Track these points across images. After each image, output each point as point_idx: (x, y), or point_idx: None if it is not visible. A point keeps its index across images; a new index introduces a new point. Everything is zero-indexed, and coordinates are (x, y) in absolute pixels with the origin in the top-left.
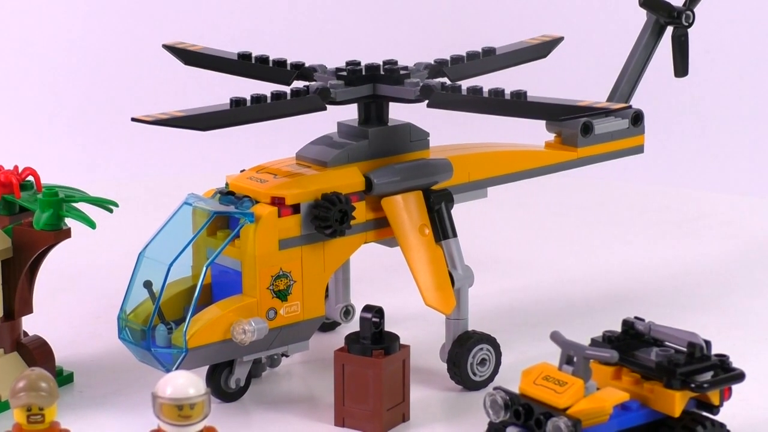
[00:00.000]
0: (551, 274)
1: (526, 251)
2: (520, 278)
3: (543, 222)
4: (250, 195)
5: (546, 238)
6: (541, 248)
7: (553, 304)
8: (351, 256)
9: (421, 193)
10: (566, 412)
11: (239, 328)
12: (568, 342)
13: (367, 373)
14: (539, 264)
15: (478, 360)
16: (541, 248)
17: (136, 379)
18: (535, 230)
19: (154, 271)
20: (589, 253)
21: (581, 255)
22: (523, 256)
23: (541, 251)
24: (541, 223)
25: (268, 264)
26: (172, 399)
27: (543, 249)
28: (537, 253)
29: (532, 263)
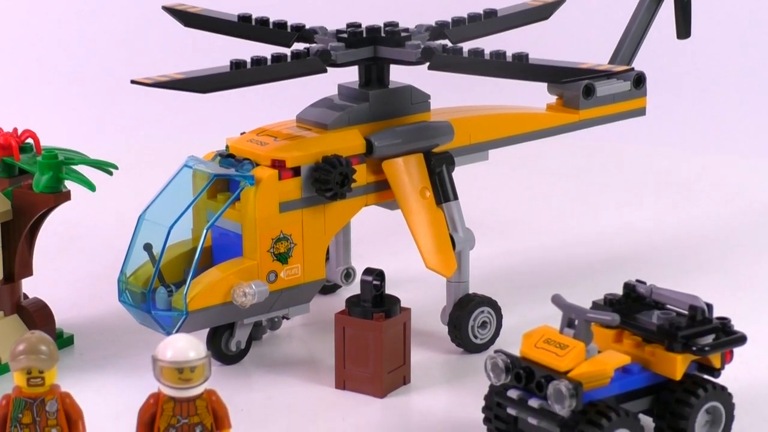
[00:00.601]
0: (553, 236)
1: (528, 214)
2: (522, 241)
3: (544, 185)
4: (250, 158)
5: (547, 200)
6: (542, 211)
7: (554, 266)
8: (352, 218)
9: (422, 155)
10: (567, 375)
11: (240, 291)
12: (569, 305)
13: (367, 335)
14: (541, 227)
15: (479, 323)
16: (542, 211)
17: (136, 342)
18: (536, 193)
19: (154, 233)
20: (590, 216)
21: (583, 217)
22: (525, 219)
23: (543, 214)
24: (542, 185)
25: (268, 227)
26: (172, 362)
27: (544, 212)
28: (538, 215)
29: (533, 226)
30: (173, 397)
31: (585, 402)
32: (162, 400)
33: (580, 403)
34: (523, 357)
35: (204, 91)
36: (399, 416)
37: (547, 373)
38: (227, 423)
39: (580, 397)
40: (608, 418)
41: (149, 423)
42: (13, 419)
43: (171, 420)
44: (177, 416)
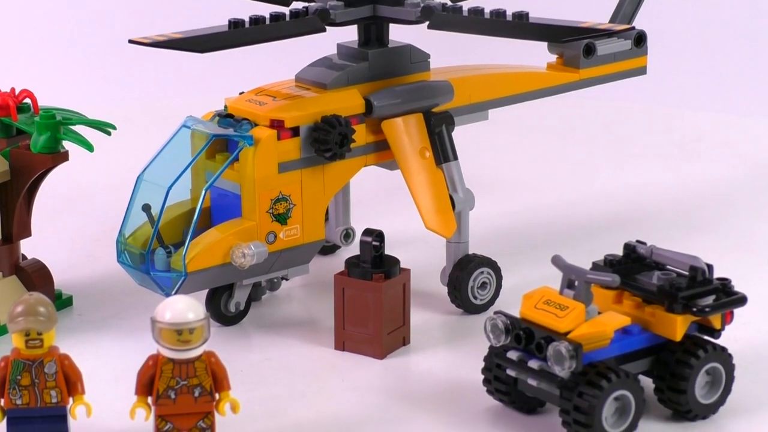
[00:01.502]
0: (553, 196)
1: (528, 174)
2: (522, 201)
3: (544, 144)
4: (249, 118)
5: (547, 160)
6: (542, 171)
7: (554, 227)
8: (351, 179)
9: (421, 115)
10: (567, 337)
11: (239, 252)
12: (569, 266)
13: (367, 296)
14: (541, 187)
15: (478, 283)
16: (542, 171)
17: (135, 303)
18: (536, 153)
19: (152, 194)
20: (590, 176)
21: (583, 177)
22: (525, 179)
23: (543, 174)
24: (542, 145)
25: (267, 187)
26: (171, 324)
27: (544, 172)
28: (538, 175)
29: (533, 186)
30: (172, 358)
31: (585, 363)
32: (161, 362)
33: (580, 364)
34: (522, 318)
35: (202, 51)
36: (398, 377)
37: (547, 334)
38: (226, 384)
39: (580, 359)
40: (608, 379)
41: (148, 384)
42: (11, 381)
43: (170, 382)
44: (176, 378)
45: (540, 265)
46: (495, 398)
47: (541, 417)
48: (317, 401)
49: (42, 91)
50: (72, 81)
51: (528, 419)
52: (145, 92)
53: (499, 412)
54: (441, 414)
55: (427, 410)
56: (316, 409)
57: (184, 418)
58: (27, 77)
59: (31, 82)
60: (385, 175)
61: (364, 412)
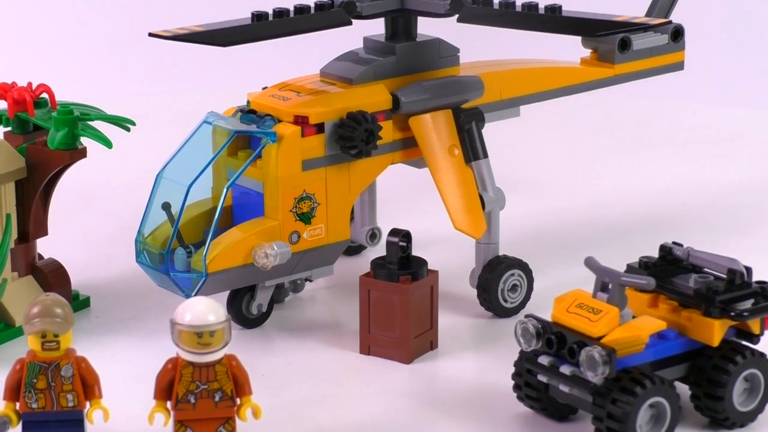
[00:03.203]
0: (586, 196)
1: (560, 172)
2: (554, 201)
3: (578, 142)
4: (272, 113)
5: (581, 158)
6: (575, 169)
7: (587, 228)
8: (377, 177)
9: (450, 111)
10: (600, 341)
11: (261, 252)
12: (603, 268)
13: (393, 299)
14: (574, 186)
15: (509, 286)
16: (575, 169)
17: (154, 305)
18: (569, 150)
19: (172, 192)
20: (625, 175)
21: (617, 176)
22: (557, 178)
23: (576, 172)
24: (575, 142)
25: (291, 185)
26: (191, 326)
27: (577, 170)
28: (571, 174)
29: (566, 185)
30: (192, 362)
31: (618, 369)
32: (180, 366)
33: (614, 370)
34: (554, 322)
35: (224, 45)
36: (425, 383)
37: (580, 338)
38: (248, 389)
39: (614, 364)
40: (642, 386)
41: (167, 389)
42: (27, 384)
43: (190, 386)
44: (196, 382)
45: (572, 267)
46: (525, 405)
47: (573, 424)
48: (341, 407)
49: (60, 85)
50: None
51: (559, 426)
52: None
53: (530, 419)
54: (469, 421)
55: (455, 417)
56: (340, 415)
57: (204, 423)
58: (44, 71)
59: (48, 77)
60: (413, 173)
61: (389, 419)
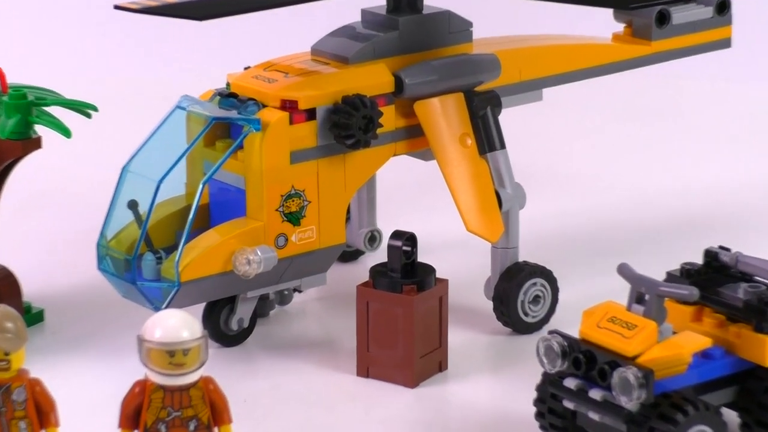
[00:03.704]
0: (619, 193)
1: (589, 166)
2: (582, 199)
3: (609, 131)
4: (255, 97)
5: (613, 150)
6: (606, 162)
7: (620, 230)
8: (377, 171)
9: (462, 95)
10: (636, 361)
11: (242, 258)
12: (638, 276)
13: (396, 312)
14: (605, 182)
15: (530, 297)
16: (606, 162)
17: (119, 319)
18: (599, 141)
19: (140, 188)
20: (665, 169)
21: (655, 171)
22: (585, 172)
23: (607, 166)
24: (606, 132)
25: (277, 180)
26: (162, 343)
27: (609, 163)
28: (601, 168)
29: (595, 180)
30: (163, 385)
31: (657, 393)
32: (149, 389)
33: (651, 394)
34: (582, 339)
35: (200, 18)
36: (433, 410)
37: (612, 358)
38: (227, 417)
39: (651, 388)
40: (684, 413)
41: (134, 416)
42: None
43: (160, 413)
44: (167, 408)
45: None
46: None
47: None
48: None
49: (12, 66)
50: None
51: None
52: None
53: None
54: None
55: None
56: None
57: None
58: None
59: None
60: (419, 166)
61: None
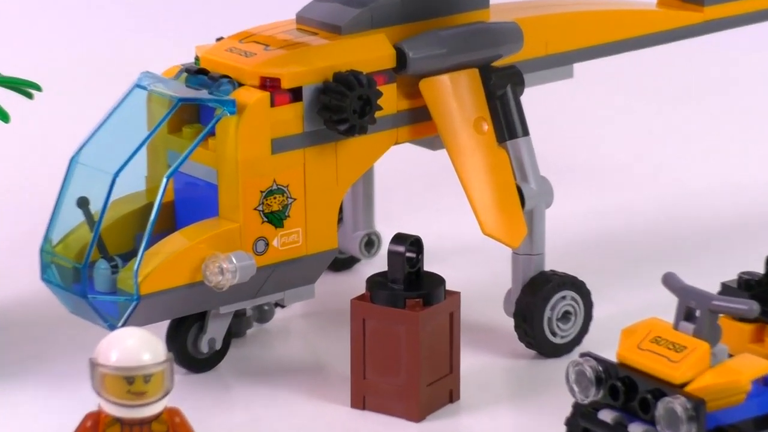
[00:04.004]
0: (664, 189)
1: (629, 156)
2: (620, 195)
3: (653, 114)
4: (230, 74)
5: (657, 136)
6: (650, 152)
7: (666, 232)
8: (376, 162)
9: (477, 72)
10: (684, 390)
11: (214, 267)
12: (687, 288)
13: (398, 331)
14: (648, 175)
15: (558, 313)
16: (650, 152)
17: (67, 339)
18: (641, 126)
19: (92, 183)
20: (718, 160)
21: (707, 161)
22: (625, 164)
23: (651, 156)
24: (650, 115)
25: (256, 174)
26: (118, 368)
27: (653, 153)
28: (644, 159)
29: (637, 174)
30: (120, 418)
31: (709, 427)
32: (104, 423)
33: (703, 428)
34: (621, 363)
35: None
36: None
37: (656, 386)
38: None
39: (703, 421)
40: None
41: None
42: None
43: None
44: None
45: (646, 286)
46: None
47: None
48: None
49: None
50: None
51: None
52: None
53: None
54: None
55: None
56: None
57: None
58: None
59: None
60: (425, 157)
61: None
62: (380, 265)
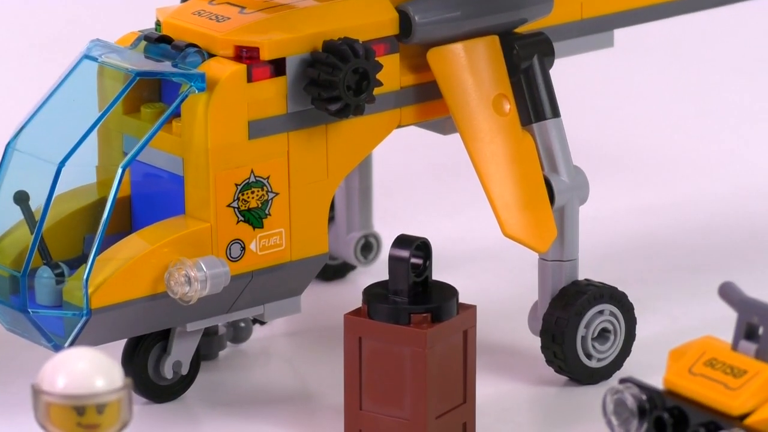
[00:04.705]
0: (724, 182)
1: (680, 142)
2: (668, 188)
3: (708, 89)
4: (198, 43)
5: (713, 118)
6: (703, 137)
7: (724, 234)
8: (375, 149)
9: (497, 39)
10: (745, 423)
11: (180, 276)
12: (749, 301)
13: (401, 352)
14: (700, 165)
15: (594, 332)
16: (703, 137)
17: (4, 362)
18: (694, 104)
19: (32, 174)
20: None
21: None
22: (675, 151)
23: (704, 142)
24: (704, 90)
25: (229, 164)
26: (67, 396)
27: (707, 138)
28: (697, 145)
29: (688, 163)
30: None
31: None
32: None
33: None
34: (669, 390)
35: None
36: None
37: (711, 417)
38: None
39: None
40: None
41: None
42: None
43: None
44: None
45: (699, 299)
46: None
47: None
48: None
49: None
50: None
51: None
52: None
53: None
54: None
55: None
56: None
57: None
58: None
59: None
60: (434, 142)
61: None
62: (380, 274)
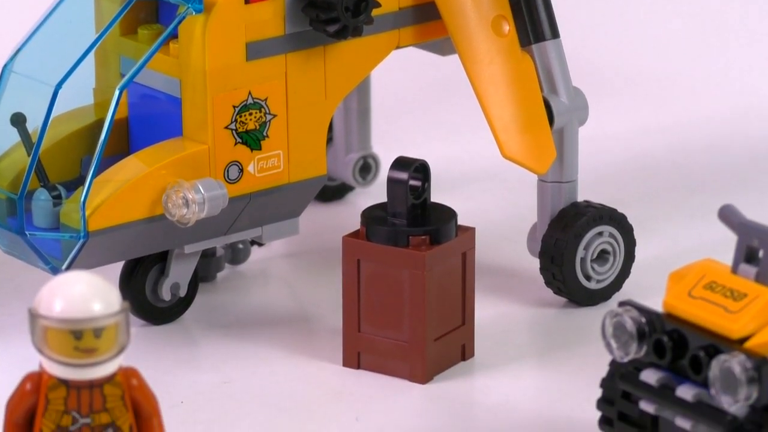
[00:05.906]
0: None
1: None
2: (669, 110)
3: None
4: None
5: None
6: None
7: (724, 156)
8: (373, 71)
9: None
10: (744, 346)
11: (177, 198)
12: (749, 224)
13: (400, 275)
14: (702, 85)
15: (594, 253)
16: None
17: (1, 284)
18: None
19: (29, 96)
20: None
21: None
22: (675, 71)
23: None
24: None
25: (227, 85)
26: (64, 320)
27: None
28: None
29: (689, 83)
30: (66, 379)
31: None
32: (46, 386)
33: (766, 392)
34: (668, 314)
35: None
36: (453, 415)
37: (710, 341)
38: (156, 424)
39: (766, 383)
40: None
41: (25, 424)
42: None
43: (62, 419)
44: (72, 413)
45: (699, 221)
46: None
47: None
48: None
49: None
50: None
51: None
52: None
53: None
54: None
55: None
56: None
57: None
58: None
59: None
60: (433, 64)
61: None
62: (378, 195)
